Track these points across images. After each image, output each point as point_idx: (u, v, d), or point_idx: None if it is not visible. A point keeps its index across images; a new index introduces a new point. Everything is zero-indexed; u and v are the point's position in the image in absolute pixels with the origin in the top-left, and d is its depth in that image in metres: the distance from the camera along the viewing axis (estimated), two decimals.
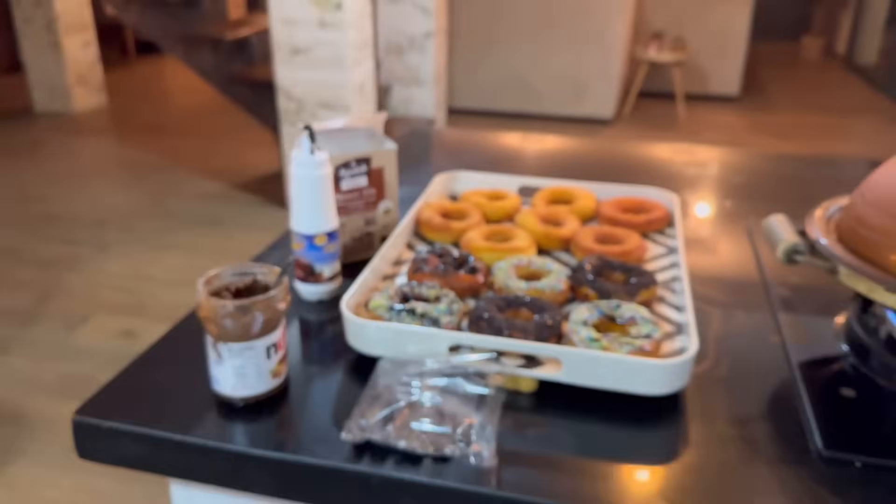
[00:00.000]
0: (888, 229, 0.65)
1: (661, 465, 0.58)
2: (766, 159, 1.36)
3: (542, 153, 1.38)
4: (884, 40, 5.66)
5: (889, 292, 0.61)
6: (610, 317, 0.70)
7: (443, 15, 4.03)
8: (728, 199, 1.13)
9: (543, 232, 0.88)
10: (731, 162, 1.33)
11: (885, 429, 0.63)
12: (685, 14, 4.89)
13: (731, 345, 0.74)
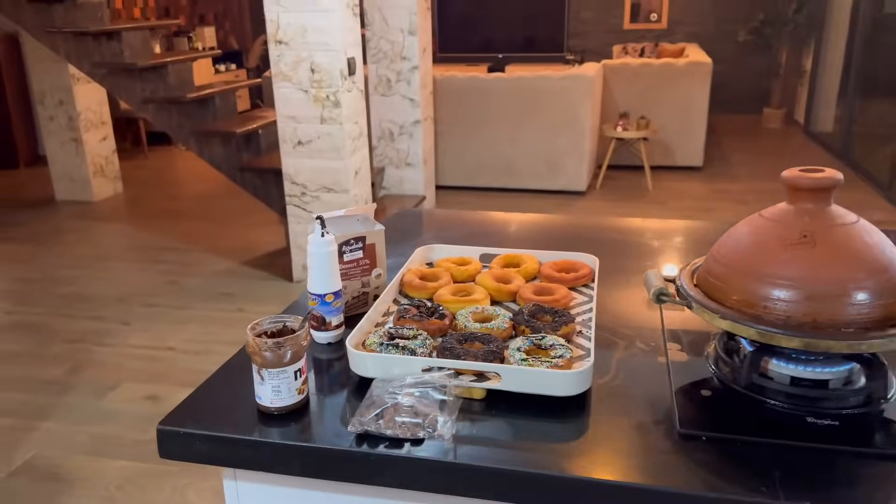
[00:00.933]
0: (726, 277, 0.94)
1: (572, 441, 0.86)
2: (704, 226, 1.66)
3: (507, 227, 1.68)
4: (837, 110, 6.11)
5: (722, 319, 0.90)
6: (538, 345, 0.99)
7: (429, 105, 4.45)
8: (649, 259, 1.43)
9: (496, 288, 1.17)
10: (670, 229, 1.64)
11: (725, 415, 0.90)
12: (649, 95, 5.33)
13: (629, 363, 1.02)
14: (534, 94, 4.86)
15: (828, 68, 6.48)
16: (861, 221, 0.92)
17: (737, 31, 6.91)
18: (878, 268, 0.86)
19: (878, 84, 5.36)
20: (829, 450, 0.83)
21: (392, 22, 4.14)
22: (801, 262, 0.88)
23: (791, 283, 0.87)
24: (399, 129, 4.33)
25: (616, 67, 5.46)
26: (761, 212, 0.96)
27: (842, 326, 0.85)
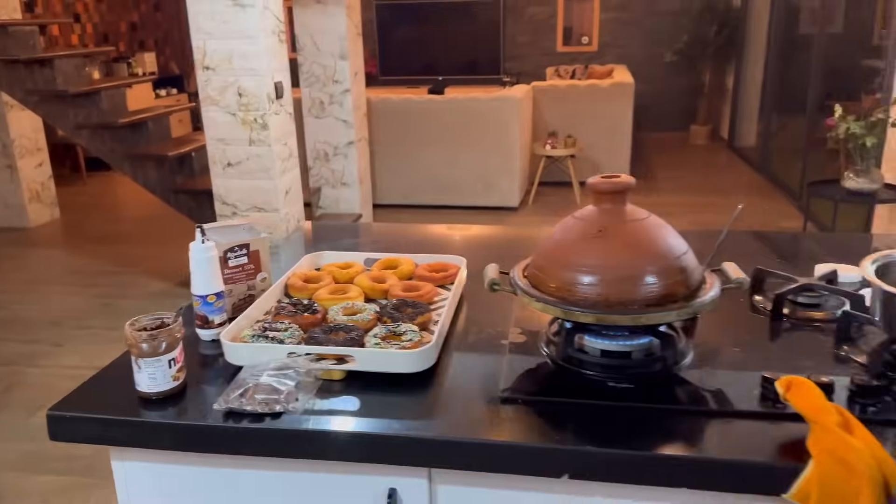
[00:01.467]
0: (546, 268, 1.10)
1: (413, 409, 1.00)
2: None
3: (406, 237, 1.84)
4: (758, 126, 6.48)
5: (536, 302, 1.06)
6: (393, 332, 1.13)
7: (363, 126, 4.60)
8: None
9: (370, 287, 1.32)
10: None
11: (543, 383, 1.06)
12: (577, 115, 5.59)
13: (477, 345, 1.18)
14: (466, 115, 5.07)
15: (748, 86, 6.86)
16: (651, 217, 1.10)
17: (663, 52, 7.28)
18: (660, 255, 1.04)
19: (793, 101, 5.72)
20: (624, 406, 1.00)
21: (323, 47, 4.29)
22: (597, 252, 1.05)
23: (590, 270, 1.04)
24: (333, 150, 4.47)
25: (545, 89, 5.71)
26: (574, 213, 1.13)
27: (630, 304, 1.02)
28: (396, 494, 0.99)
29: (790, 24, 5.97)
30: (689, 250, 1.08)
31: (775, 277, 1.32)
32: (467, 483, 0.99)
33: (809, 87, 5.22)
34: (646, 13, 7.40)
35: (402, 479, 0.99)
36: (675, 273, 1.04)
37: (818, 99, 5.03)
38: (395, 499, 0.99)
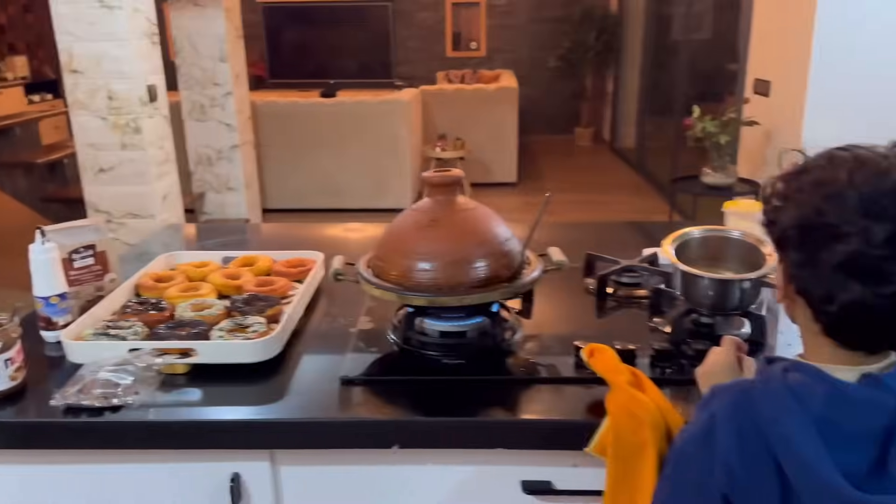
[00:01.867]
0: (387, 258, 1.17)
1: (260, 395, 1.05)
2: None
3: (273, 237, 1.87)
4: (636, 128, 6.86)
5: (375, 289, 1.12)
6: (240, 324, 1.17)
7: (247, 129, 4.55)
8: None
9: (223, 283, 1.34)
10: None
11: (383, 365, 1.13)
12: (465, 118, 5.74)
13: (326, 334, 1.23)
14: (355, 119, 5.10)
15: (627, 90, 7.25)
16: (480, 208, 1.19)
17: (547, 58, 7.57)
18: (486, 241, 1.13)
19: (665, 103, 6.09)
20: (456, 380, 1.08)
21: (202, 49, 4.22)
22: (429, 240, 1.12)
23: (423, 257, 1.11)
24: (217, 154, 4.40)
25: (434, 93, 5.83)
26: (413, 205, 1.21)
27: (459, 287, 1.10)
28: (240, 479, 1.03)
29: (661, 31, 6.36)
30: (512, 237, 1.17)
31: (604, 261, 1.44)
32: (309, 462, 1.04)
33: (678, 91, 5.58)
34: (529, 20, 7.68)
35: (244, 463, 1.03)
36: (499, 257, 1.13)
37: (687, 101, 5.39)
38: (238, 483, 1.03)
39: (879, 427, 0.69)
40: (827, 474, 0.67)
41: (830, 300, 0.69)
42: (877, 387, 0.70)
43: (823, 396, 0.70)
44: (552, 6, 7.65)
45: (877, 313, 0.67)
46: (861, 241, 0.66)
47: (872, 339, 0.72)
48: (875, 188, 0.67)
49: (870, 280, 0.66)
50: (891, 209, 0.66)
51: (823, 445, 0.68)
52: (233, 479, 1.02)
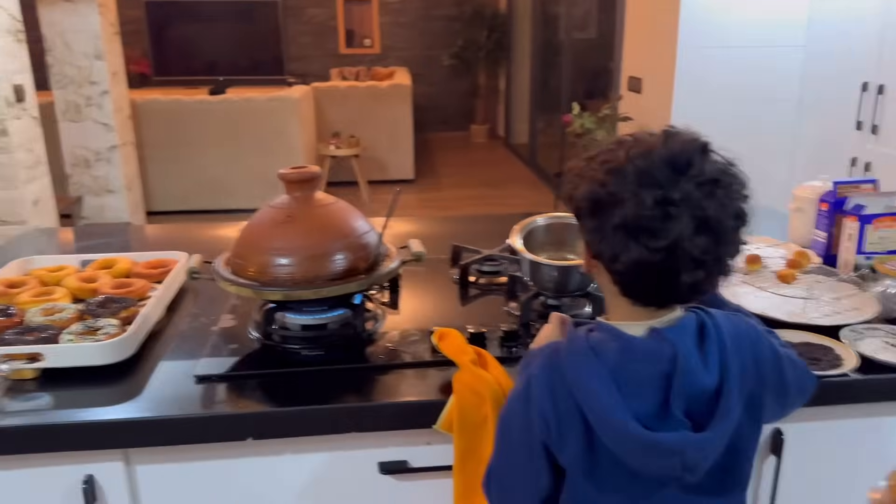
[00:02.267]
0: (245, 255, 1.18)
1: (117, 393, 1.03)
2: None
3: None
4: (528, 124, 7.07)
5: (231, 285, 1.13)
6: (91, 327, 1.15)
7: (127, 129, 4.38)
8: None
9: (78, 287, 1.31)
10: None
11: (241, 359, 1.14)
12: (359, 115, 5.74)
13: (187, 333, 1.23)
14: (244, 116, 5.00)
15: (518, 88, 7.45)
16: (338, 203, 1.22)
17: (441, 55, 7.67)
18: (343, 235, 1.16)
19: (553, 101, 6.30)
20: (315, 371, 1.11)
21: (76, 47, 4.02)
22: (286, 236, 1.15)
23: (280, 252, 1.14)
24: (95, 156, 4.20)
25: (326, 90, 5.79)
26: (270, 202, 1.22)
27: (316, 280, 1.13)
28: (93, 480, 1.02)
29: (549, 30, 6.58)
30: (371, 230, 1.21)
31: (468, 251, 1.51)
32: (165, 460, 1.04)
33: (566, 88, 5.80)
34: (422, 17, 7.75)
35: (97, 465, 1.02)
36: (357, 250, 1.17)
37: (574, 98, 5.61)
38: (91, 485, 1.02)
39: (661, 373, 0.78)
40: (620, 418, 0.76)
41: (616, 259, 0.78)
42: (658, 338, 0.79)
43: (616, 350, 0.79)
44: (444, 4, 7.75)
45: (654, 268, 0.76)
46: (635, 205, 0.75)
47: (655, 294, 0.81)
48: (646, 162, 0.77)
49: (643, 237, 0.75)
50: (658, 178, 0.75)
51: (618, 393, 0.77)
52: (86, 481, 1.01)
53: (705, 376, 0.79)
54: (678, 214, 0.75)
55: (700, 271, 0.77)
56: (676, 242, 0.75)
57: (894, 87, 2.76)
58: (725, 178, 0.78)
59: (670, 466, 0.77)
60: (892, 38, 2.75)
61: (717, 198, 0.76)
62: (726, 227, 0.77)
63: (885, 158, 2.81)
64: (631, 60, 3.94)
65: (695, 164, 0.76)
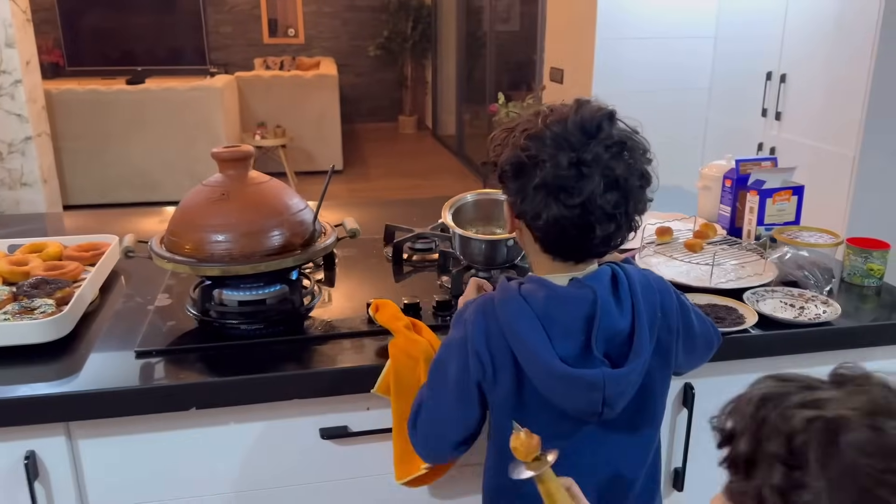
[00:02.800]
0: (180, 233, 1.19)
1: (56, 370, 1.04)
2: None
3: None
4: (456, 115, 7.16)
5: (166, 262, 1.15)
6: (27, 307, 1.15)
7: (41, 120, 4.21)
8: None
9: (9, 270, 1.30)
10: None
11: (179, 336, 1.16)
12: (284, 106, 5.68)
13: (122, 312, 1.23)
14: (165, 106, 4.87)
15: (445, 79, 7.52)
16: (272, 181, 1.25)
17: (367, 46, 7.66)
18: (278, 212, 1.20)
19: (479, 92, 6.41)
20: (253, 343, 1.14)
21: None
22: (221, 213, 1.17)
23: (216, 229, 1.16)
24: (8, 148, 4.02)
25: (250, 79, 5.71)
26: (204, 181, 1.25)
27: (252, 256, 1.16)
28: (35, 456, 1.03)
29: (473, 22, 6.67)
30: (306, 207, 1.25)
31: (401, 230, 1.57)
32: (107, 434, 1.05)
33: (490, 80, 5.91)
34: (346, 7, 7.71)
35: (39, 440, 1.03)
36: (292, 227, 1.20)
37: (498, 89, 5.72)
38: (33, 460, 1.02)
39: (583, 316, 0.86)
40: (546, 357, 0.84)
41: (538, 217, 0.85)
42: (579, 285, 0.88)
43: (544, 298, 0.86)
44: None
45: (571, 223, 0.84)
46: (552, 166, 0.83)
47: (574, 247, 0.89)
48: (560, 127, 0.84)
49: (561, 195, 0.83)
50: (572, 141, 0.83)
51: (546, 336, 0.85)
52: (27, 457, 1.02)
53: (620, 319, 0.87)
54: (590, 174, 0.82)
55: (611, 224, 0.85)
56: (590, 199, 0.82)
57: (795, 75, 2.97)
58: (630, 142, 0.86)
59: (592, 401, 0.85)
60: (792, 29, 2.96)
61: (624, 159, 0.84)
62: (632, 185, 0.85)
63: (788, 143, 3.02)
64: (552, 52, 4.07)
65: (604, 129, 0.84)
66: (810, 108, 2.88)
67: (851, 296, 1.33)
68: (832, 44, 2.73)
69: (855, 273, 1.35)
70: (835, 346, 1.22)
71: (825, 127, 2.80)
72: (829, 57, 2.75)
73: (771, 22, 3.07)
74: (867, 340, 1.24)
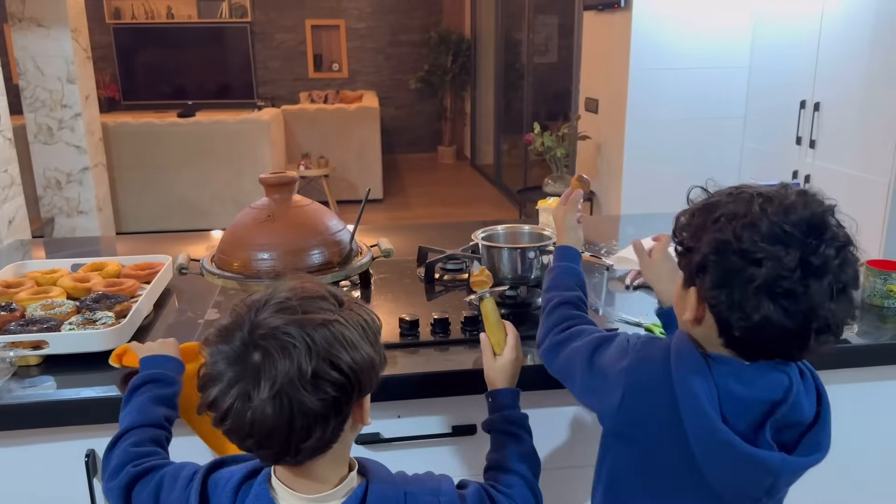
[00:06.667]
0: (229, 251, 1.30)
1: (115, 375, 1.14)
2: None
3: None
4: (494, 145, 7.28)
5: (217, 278, 1.25)
6: (89, 319, 1.26)
7: (99, 151, 4.45)
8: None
9: (72, 286, 1.41)
10: None
11: None
12: (328, 137, 5.88)
13: (174, 325, 1.34)
14: (214, 139, 5.10)
15: (483, 110, 7.67)
16: (313, 204, 1.35)
17: (408, 80, 7.88)
18: (318, 232, 1.29)
19: (517, 122, 6.52)
20: None
21: (48, 71, 4.10)
22: (267, 233, 1.28)
23: (262, 247, 1.26)
24: (66, 178, 4.26)
25: (295, 112, 5.93)
26: (252, 204, 1.35)
27: (296, 272, 1.25)
28: (94, 455, 1.12)
29: (511, 54, 6.82)
30: (344, 228, 1.35)
31: (433, 252, 1.65)
32: None
33: (527, 110, 6.02)
34: (389, 43, 7.96)
35: (98, 440, 1.12)
36: (331, 245, 1.30)
37: (535, 119, 5.82)
38: (93, 458, 1.12)
39: (769, 400, 0.80)
40: (722, 426, 0.78)
41: (746, 317, 0.75)
42: (772, 368, 0.81)
43: (727, 370, 0.81)
44: (410, 30, 7.98)
45: (785, 329, 0.75)
46: (775, 265, 0.73)
47: (768, 352, 0.80)
48: (783, 219, 0.75)
49: (782, 300, 0.74)
50: (799, 239, 0.74)
51: (718, 407, 0.79)
52: (87, 455, 1.11)
53: (807, 408, 0.82)
54: (819, 278, 0.73)
55: (830, 336, 0.76)
56: (815, 307, 0.74)
57: (829, 104, 2.99)
58: (851, 244, 0.77)
59: (759, 484, 0.79)
60: (825, 58, 2.99)
61: (850, 263, 0.76)
62: (853, 293, 0.77)
63: (823, 171, 3.03)
64: (587, 82, 4.16)
65: (829, 228, 0.75)
66: (844, 136, 2.90)
67: (871, 316, 1.36)
68: (864, 72, 2.75)
69: (875, 294, 1.38)
70: (852, 363, 1.25)
71: (859, 154, 2.81)
72: (862, 85, 2.77)
73: (804, 51, 3.11)
74: (887, 359, 1.27)
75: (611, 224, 2.39)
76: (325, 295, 0.77)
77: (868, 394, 1.30)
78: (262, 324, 0.72)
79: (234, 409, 0.71)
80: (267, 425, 0.70)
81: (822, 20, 2.99)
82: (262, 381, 0.70)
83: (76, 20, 4.16)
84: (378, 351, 0.78)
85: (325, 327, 0.72)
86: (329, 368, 0.71)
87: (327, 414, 0.72)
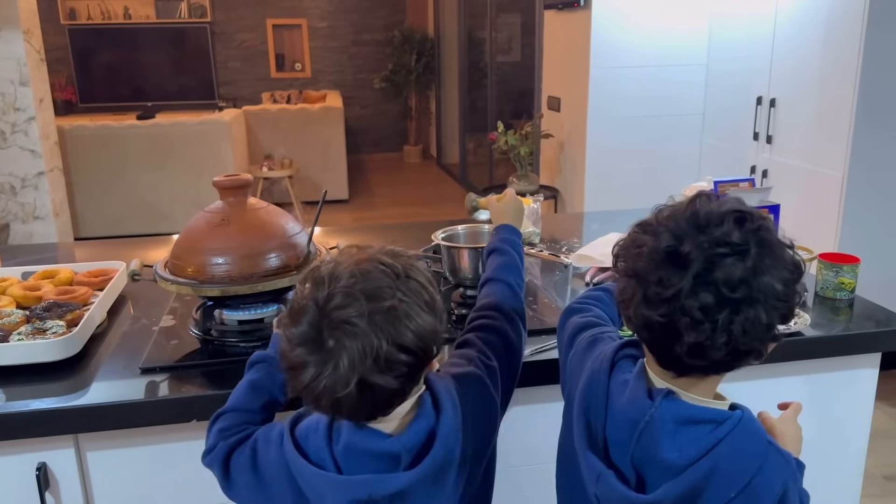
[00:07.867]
0: (183, 256, 1.27)
1: (67, 385, 1.11)
2: None
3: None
4: (459, 144, 7.28)
5: (170, 284, 1.23)
6: (39, 328, 1.22)
7: (55, 155, 4.34)
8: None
9: (22, 295, 1.38)
10: None
11: (182, 354, 1.23)
12: (291, 138, 5.82)
13: (129, 333, 1.31)
14: (173, 141, 5.01)
15: (448, 109, 7.67)
16: (269, 207, 1.33)
17: (372, 79, 7.83)
18: (275, 235, 1.27)
19: (481, 121, 6.52)
20: None
21: None
22: (220, 237, 1.25)
23: (216, 252, 1.24)
24: (21, 183, 4.15)
25: (257, 113, 5.85)
26: (205, 208, 1.32)
27: (252, 277, 1.23)
28: (46, 468, 1.09)
29: (475, 54, 6.83)
30: (302, 230, 1.33)
31: None
32: (114, 445, 1.12)
33: (492, 109, 6.03)
34: (352, 42, 7.90)
35: (49, 452, 1.09)
36: (288, 249, 1.28)
37: (499, 118, 5.83)
38: (44, 471, 1.09)
39: (630, 424, 0.81)
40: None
41: (626, 306, 0.80)
42: (660, 395, 0.81)
43: (622, 381, 0.84)
44: (373, 29, 7.94)
45: (655, 324, 0.75)
46: (649, 250, 0.76)
47: (671, 358, 0.78)
48: (672, 214, 0.78)
49: (648, 287, 0.75)
50: (676, 231, 0.75)
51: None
52: (39, 468, 1.08)
53: (673, 454, 0.79)
54: (683, 269, 0.74)
55: (699, 333, 0.73)
56: (675, 296, 0.74)
57: (784, 100, 3.05)
58: (761, 251, 0.76)
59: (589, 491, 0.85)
60: (780, 55, 3.05)
61: (743, 265, 0.74)
62: (741, 297, 0.74)
63: (780, 166, 3.09)
64: (550, 81, 4.18)
65: (723, 227, 0.74)
66: (799, 132, 2.96)
67: (824, 309, 1.39)
68: (818, 69, 2.82)
69: (827, 287, 1.41)
70: (805, 355, 1.28)
71: (814, 149, 2.87)
72: (816, 81, 2.83)
73: (760, 49, 3.17)
74: (837, 349, 1.30)
75: (574, 221, 2.41)
76: (385, 270, 0.80)
77: (821, 385, 1.33)
78: (332, 314, 0.77)
79: (325, 394, 0.77)
80: (352, 405, 0.77)
81: (776, 19, 3.05)
82: (341, 367, 0.75)
83: (28, 21, 4.05)
84: (438, 316, 0.82)
85: (390, 312, 0.77)
86: (398, 352, 0.77)
87: (403, 385, 0.79)
